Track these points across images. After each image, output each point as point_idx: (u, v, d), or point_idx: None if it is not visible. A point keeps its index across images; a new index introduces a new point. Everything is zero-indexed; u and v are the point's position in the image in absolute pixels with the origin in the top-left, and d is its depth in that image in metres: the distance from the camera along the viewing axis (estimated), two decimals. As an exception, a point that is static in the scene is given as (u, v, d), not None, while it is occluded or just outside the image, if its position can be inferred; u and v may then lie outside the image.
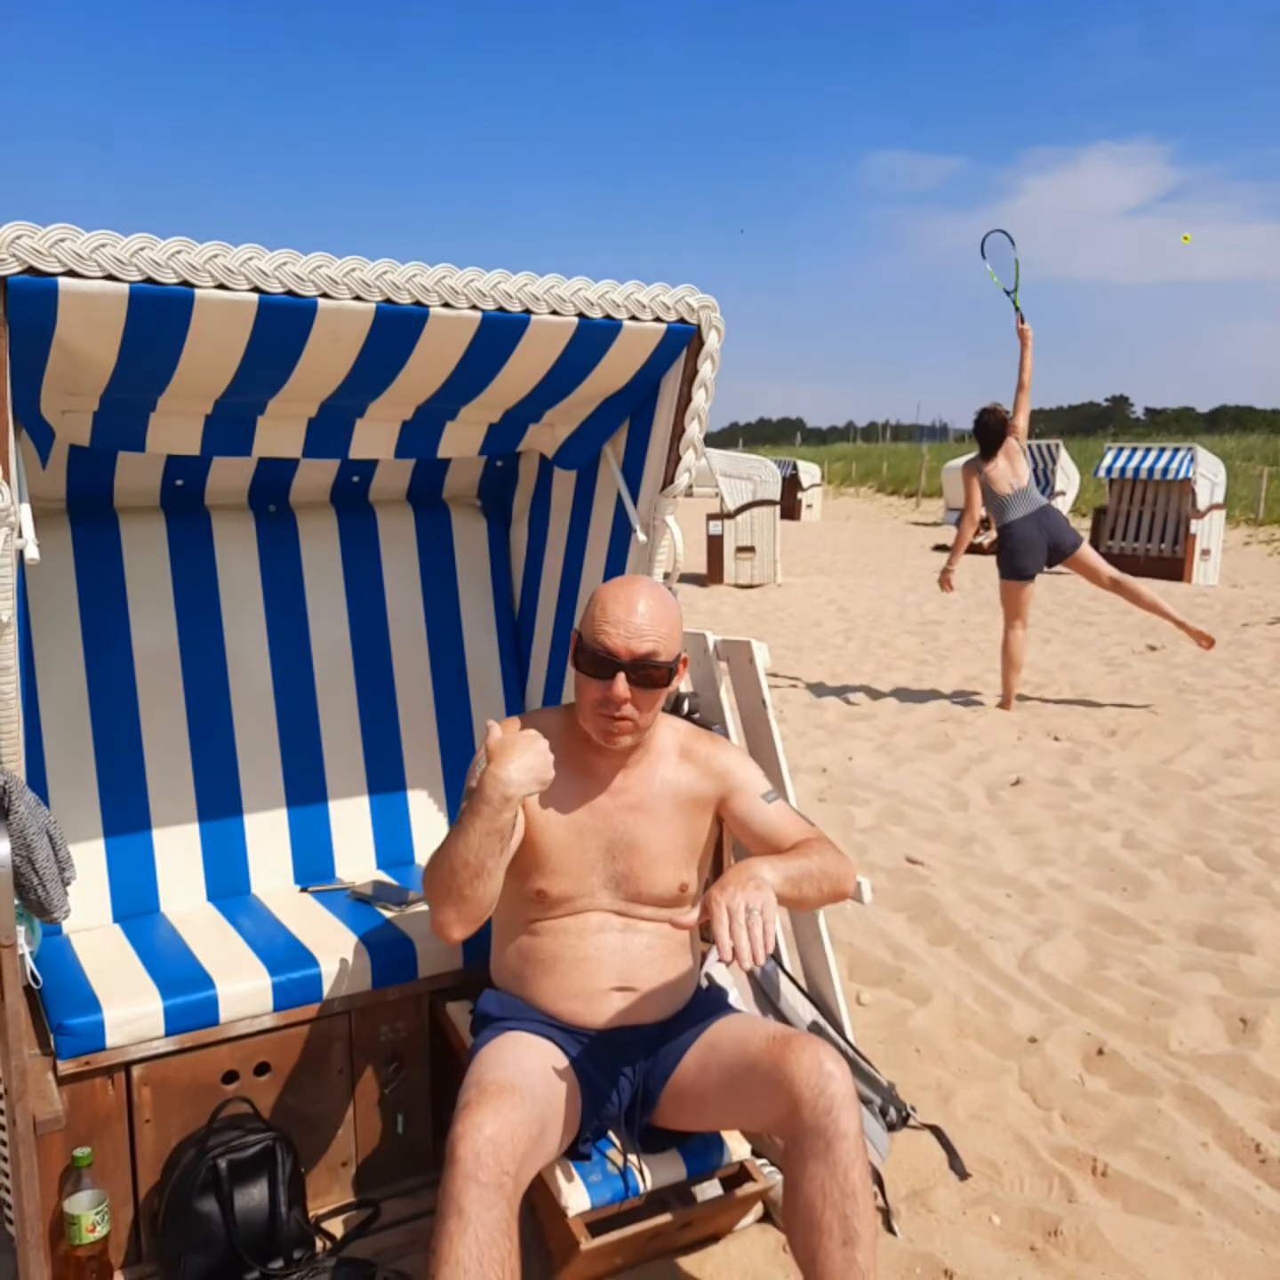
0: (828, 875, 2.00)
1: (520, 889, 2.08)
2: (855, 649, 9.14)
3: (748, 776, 2.14)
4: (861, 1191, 1.79)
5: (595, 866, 2.07)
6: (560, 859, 2.06)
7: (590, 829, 2.07)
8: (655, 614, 2.00)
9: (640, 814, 2.08)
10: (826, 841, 2.07)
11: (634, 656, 1.97)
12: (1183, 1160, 2.51)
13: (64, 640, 2.58)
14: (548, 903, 2.07)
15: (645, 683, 1.99)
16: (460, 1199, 1.66)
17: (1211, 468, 13.48)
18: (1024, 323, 6.97)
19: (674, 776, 2.12)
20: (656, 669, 1.99)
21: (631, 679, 1.97)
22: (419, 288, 1.91)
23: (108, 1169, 2.12)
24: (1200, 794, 5.26)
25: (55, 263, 1.66)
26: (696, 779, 2.12)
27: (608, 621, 1.99)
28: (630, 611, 1.99)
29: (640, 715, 2.01)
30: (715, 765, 2.14)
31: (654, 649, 1.98)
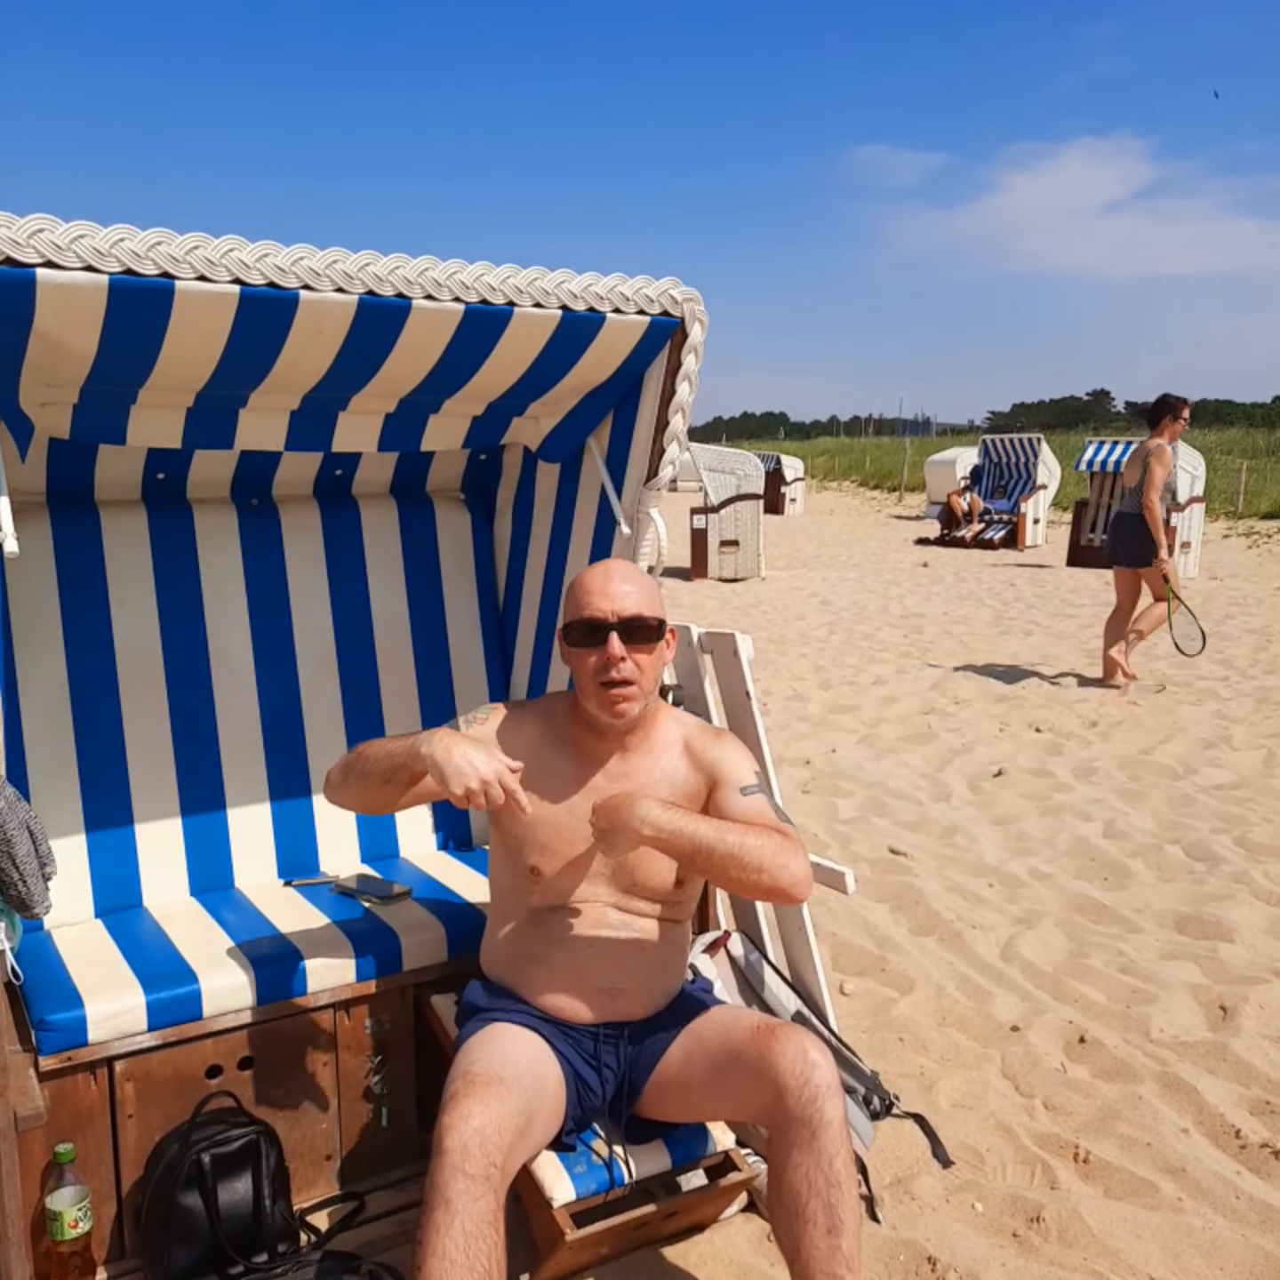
0: (742, 862, 1.87)
1: (515, 866, 2.08)
2: (838, 642, 9.16)
3: (734, 770, 2.10)
4: (846, 1180, 1.80)
5: (591, 853, 2.05)
6: (550, 834, 2.05)
7: (583, 807, 2.05)
8: (633, 579, 2.05)
9: None
10: (785, 837, 1.95)
11: (621, 617, 2.00)
12: (1163, 1146, 2.53)
13: (45, 634, 2.56)
14: (542, 882, 2.06)
15: (638, 639, 2.00)
16: (447, 1191, 1.67)
17: (1191, 461, 13.54)
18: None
19: (674, 769, 2.10)
20: (646, 625, 2.01)
21: (624, 638, 1.99)
22: (402, 280, 1.91)
23: (90, 1165, 2.11)
24: (1180, 784, 5.30)
25: (33, 253, 1.64)
26: (691, 772, 2.11)
27: (589, 593, 2.02)
28: (609, 579, 2.04)
29: (641, 677, 2.01)
30: (708, 758, 2.11)
31: (639, 608, 2.01)
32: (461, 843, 3.02)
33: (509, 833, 2.09)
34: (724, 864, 1.88)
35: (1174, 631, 7.34)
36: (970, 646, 8.91)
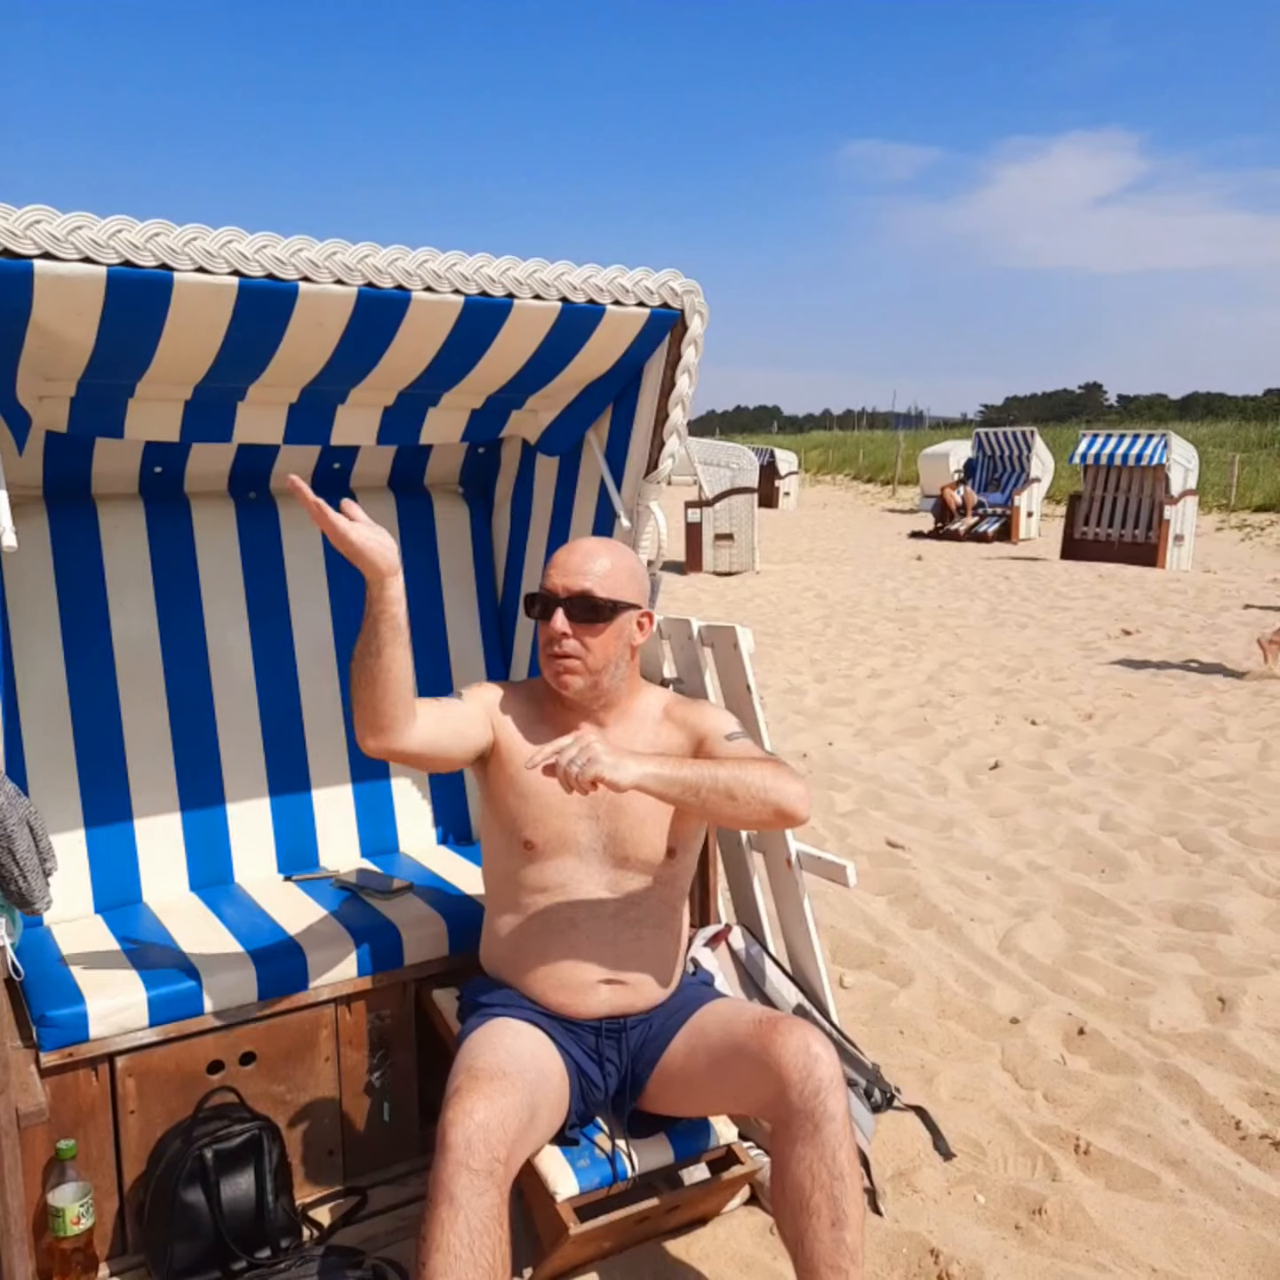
0: (746, 784, 1.87)
1: (510, 843, 2.08)
2: (834, 635, 9.17)
3: (715, 722, 2.11)
4: (849, 1173, 1.80)
5: (581, 823, 2.05)
6: (540, 805, 2.05)
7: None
8: (595, 555, 2.05)
9: None
10: (774, 763, 1.95)
11: (570, 593, 2.01)
12: (1164, 1138, 2.53)
13: (42, 628, 2.55)
14: (536, 858, 2.05)
15: (582, 618, 2.00)
16: (451, 1186, 1.66)
17: (1185, 454, 13.57)
18: None
19: (654, 738, 2.12)
20: (592, 603, 2.00)
21: (569, 614, 2.01)
22: (401, 271, 1.90)
23: (92, 1161, 2.10)
24: (1176, 776, 5.31)
25: (31, 245, 1.63)
26: (676, 736, 2.12)
27: (551, 566, 2.06)
28: (570, 554, 2.06)
29: (586, 654, 2.01)
30: (689, 720, 2.13)
31: (589, 585, 2.01)
32: (461, 837, 3.01)
33: (502, 805, 2.09)
34: (728, 792, 1.87)
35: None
36: (965, 639, 8.91)
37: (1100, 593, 11.43)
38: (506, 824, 2.09)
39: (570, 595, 2.01)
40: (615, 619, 2.03)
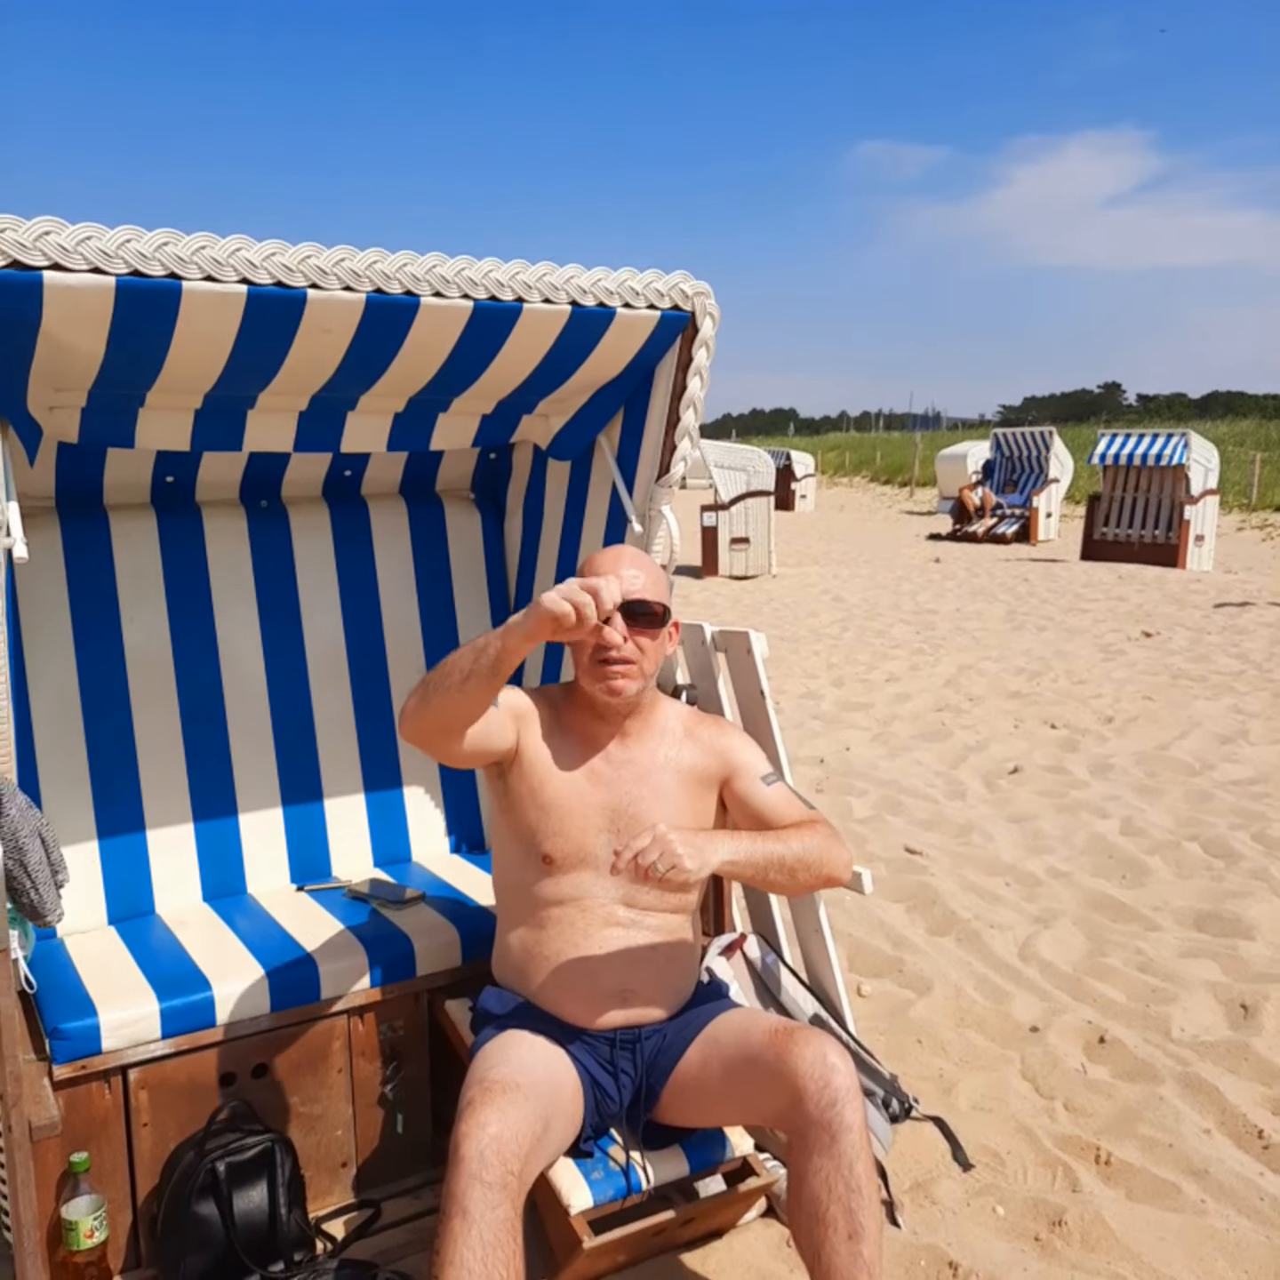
0: (806, 863, 1.97)
1: (527, 856, 2.07)
2: (851, 639, 9.13)
3: (749, 758, 2.16)
4: (866, 1185, 1.78)
5: (600, 837, 2.04)
6: (561, 819, 2.04)
7: (593, 794, 2.06)
8: (642, 564, 2.07)
9: (644, 786, 2.07)
10: (823, 825, 2.06)
11: (627, 598, 2.00)
12: (1186, 1148, 2.50)
13: (54, 639, 2.55)
14: (554, 871, 2.04)
15: (642, 622, 2.01)
16: (464, 1199, 1.65)
17: (1205, 453, 13.47)
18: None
19: (677, 754, 2.12)
20: (651, 610, 2.01)
21: (628, 620, 2.00)
22: (409, 277, 1.88)
23: (105, 1173, 2.10)
24: (1197, 780, 5.25)
25: (40, 256, 1.63)
26: (700, 757, 2.13)
27: (598, 574, 2.02)
28: (615, 560, 2.05)
29: (641, 659, 2.02)
30: (718, 745, 2.16)
31: (645, 592, 2.02)
32: (474, 846, 3.00)
33: (522, 818, 2.07)
34: (791, 871, 1.96)
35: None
36: (983, 642, 8.86)
37: (1120, 594, 11.35)
38: (524, 836, 2.07)
39: (628, 600, 2.00)
40: (667, 623, 2.07)
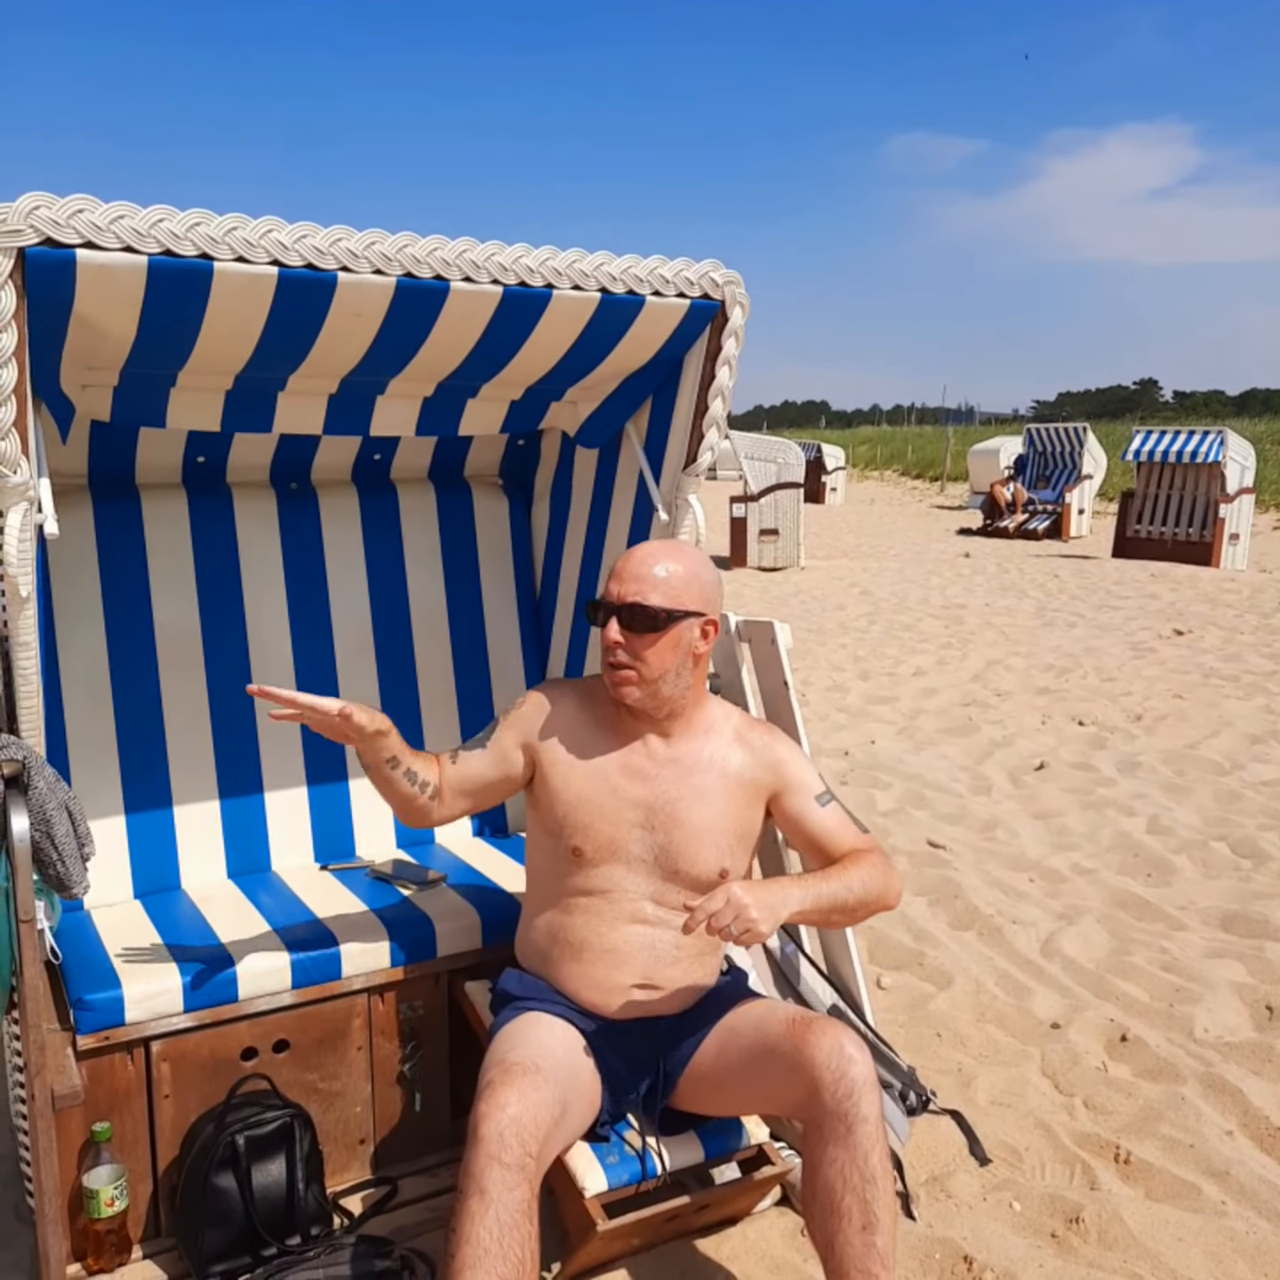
0: (866, 901, 1.97)
1: (556, 848, 2.06)
2: (878, 632, 9.09)
3: (803, 774, 2.10)
4: (881, 1176, 1.78)
5: (633, 831, 2.02)
6: (590, 812, 2.02)
7: (628, 789, 2.03)
8: (653, 561, 2.00)
9: (685, 787, 2.04)
10: (878, 855, 2.03)
11: (623, 601, 1.97)
12: (1207, 1149, 2.48)
13: (85, 616, 2.58)
14: (584, 864, 2.03)
15: (635, 626, 1.96)
16: (482, 1179, 1.66)
17: (1241, 451, 13.31)
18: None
19: (724, 756, 2.07)
20: (644, 612, 1.96)
21: (623, 623, 1.97)
22: (440, 261, 1.88)
23: (127, 1144, 2.12)
24: (1226, 779, 5.20)
25: (73, 234, 1.64)
26: (750, 764, 2.08)
27: (612, 573, 2.03)
28: (630, 560, 2.02)
29: (638, 664, 1.97)
30: (770, 756, 2.10)
31: (644, 593, 1.97)
32: (497, 829, 3.01)
33: (549, 814, 2.06)
34: (852, 911, 1.96)
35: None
36: (1012, 638, 8.80)
37: (1152, 592, 11.25)
38: (553, 830, 2.06)
39: (623, 603, 1.97)
40: (670, 628, 1.98)
